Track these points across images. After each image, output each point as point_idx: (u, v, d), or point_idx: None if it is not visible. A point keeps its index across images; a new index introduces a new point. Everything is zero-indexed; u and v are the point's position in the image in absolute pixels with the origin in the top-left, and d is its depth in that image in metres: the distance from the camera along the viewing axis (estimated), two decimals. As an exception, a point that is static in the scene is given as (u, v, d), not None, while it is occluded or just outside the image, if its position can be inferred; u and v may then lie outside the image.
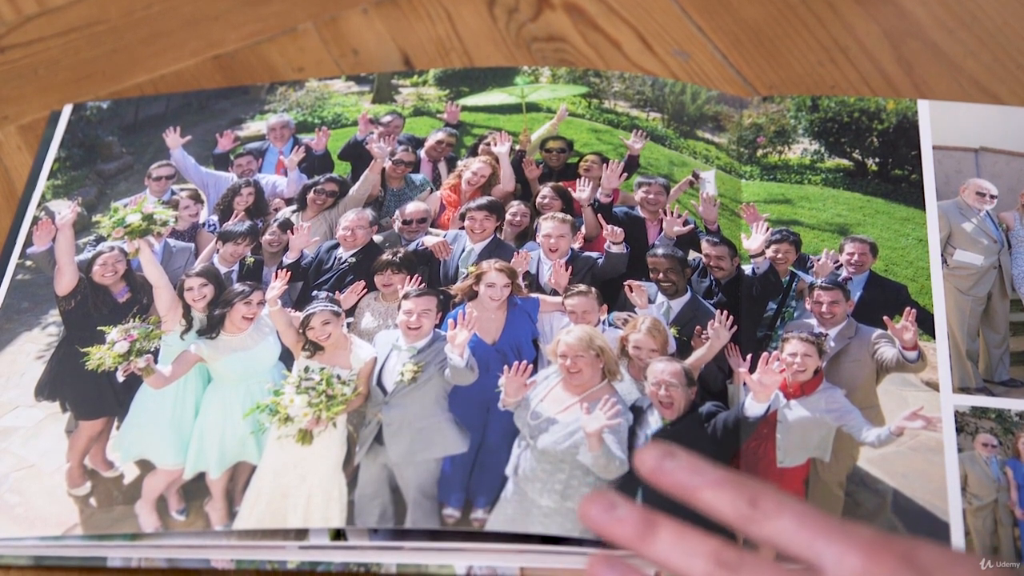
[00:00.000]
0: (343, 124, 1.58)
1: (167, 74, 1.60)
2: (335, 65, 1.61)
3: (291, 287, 1.36)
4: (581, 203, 1.44)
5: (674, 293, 1.34)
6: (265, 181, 1.51)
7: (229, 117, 1.56)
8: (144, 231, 1.36)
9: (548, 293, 1.35)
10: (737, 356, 1.25)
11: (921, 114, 1.46)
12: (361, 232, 1.42)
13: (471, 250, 1.40)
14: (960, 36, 1.57)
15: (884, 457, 1.18)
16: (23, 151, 1.52)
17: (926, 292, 1.31)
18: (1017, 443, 1.19)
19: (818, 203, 1.45)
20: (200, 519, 1.17)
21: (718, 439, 1.17)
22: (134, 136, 1.53)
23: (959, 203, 1.38)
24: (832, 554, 0.73)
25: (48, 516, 1.17)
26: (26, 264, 1.39)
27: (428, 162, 1.54)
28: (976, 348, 1.28)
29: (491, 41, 1.62)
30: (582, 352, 1.22)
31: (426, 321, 1.27)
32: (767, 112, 1.51)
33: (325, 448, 1.20)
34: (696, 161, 1.49)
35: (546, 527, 1.13)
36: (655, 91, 1.55)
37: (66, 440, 1.25)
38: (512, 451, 1.19)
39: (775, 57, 1.57)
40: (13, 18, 1.65)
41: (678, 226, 1.39)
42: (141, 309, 1.33)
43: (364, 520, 1.15)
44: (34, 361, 1.31)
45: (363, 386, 1.24)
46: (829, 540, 0.73)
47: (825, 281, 1.33)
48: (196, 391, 1.28)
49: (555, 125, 1.53)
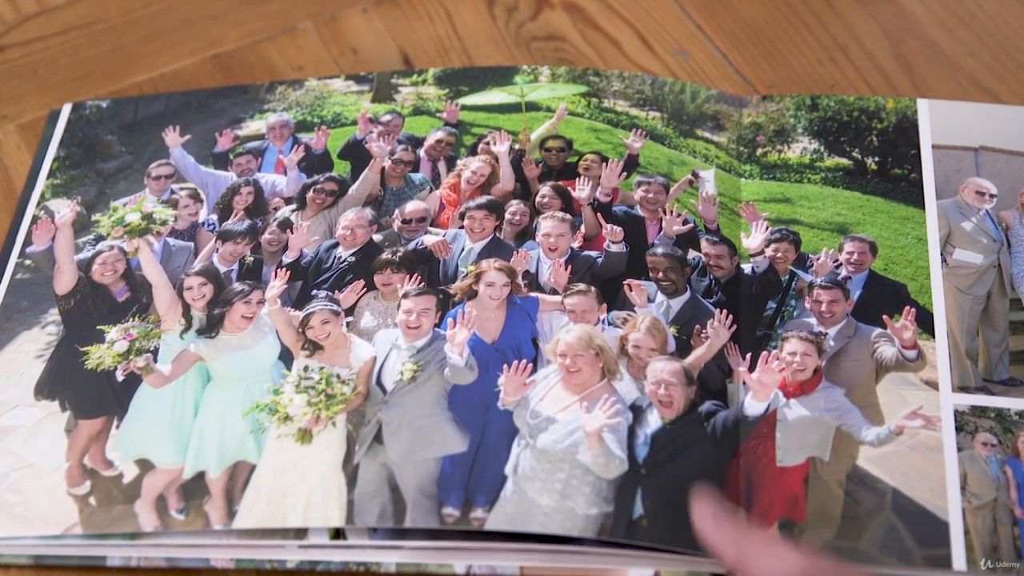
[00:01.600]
0: (342, 123, 1.58)
1: (166, 73, 1.60)
2: (334, 64, 1.60)
3: (290, 286, 1.36)
4: (580, 202, 1.44)
5: (673, 292, 1.34)
6: (264, 180, 1.51)
7: (228, 116, 1.56)
8: (143, 230, 1.36)
9: (547, 292, 1.35)
10: (737, 355, 1.25)
11: (920, 113, 1.46)
12: (360, 231, 1.42)
13: (471, 249, 1.40)
14: (959, 35, 1.57)
15: (884, 456, 1.18)
16: (22, 150, 1.52)
17: (925, 291, 1.31)
18: (1016, 442, 1.19)
19: (817, 202, 1.45)
20: (200, 518, 1.17)
21: (718, 438, 1.17)
22: (133, 135, 1.53)
23: (958, 202, 1.38)
24: None
25: (48, 515, 1.17)
26: (25, 263, 1.39)
27: (427, 161, 1.54)
28: (975, 347, 1.28)
29: (491, 40, 1.62)
30: (581, 351, 1.22)
31: (425, 320, 1.27)
32: (767, 111, 1.51)
33: (324, 447, 1.20)
34: (695, 160, 1.49)
35: (545, 526, 1.13)
36: (655, 90, 1.55)
37: (65, 439, 1.25)
38: (512, 450, 1.19)
39: (775, 56, 1.57)
40: (12, 17, 1.65)
41: (677, 225, 1.39)
42: (140, 308, 1.33)
43: (363, 519, 1.15)
44: (34, 360, 1.31)
45: (362, 385, 1.24)
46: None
47: (825, 280, 1.33)
48: (195, 390, 1.28)
49: (554, 124, 1.53)
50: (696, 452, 1.17)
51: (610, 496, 1.15)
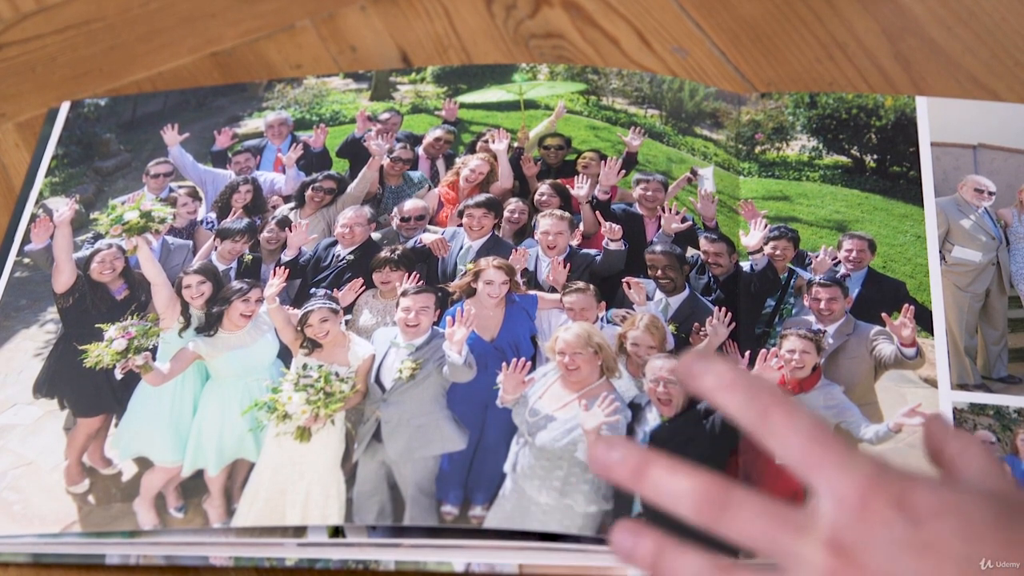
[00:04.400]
0: (341, 121, 1.58)
1: (165, 71, 1.60)
2: (333, 62, 1.60)
3: (289, 284, 1.36)
4: (579, 200, 1.44)
5: (672, 290, 1.34)
6: (263, 178, 1.51)
7: (227, 114, 1.56)
8: (142, 228, 1.36)
9: (546, 290, 1.35)
10: (736, 353, 1.25)
11: (919, 111, 1.46)
12: (359, 229, 1.42)
13: (469, 247, 1.40)
14: (958, 33, 1.57)
15: (882, 454, 1.18)
16: (21, 148, 1.52)
17: (924, 289, 1.31)
18: (1015, 440, 1.19)
19: (816, 200, 1.45)
20: (198, 516, 1.17)
21: (717, 436, 1.17)
22: (132, 133, 1.53)
23: (957, 200, 1.38)
24: (828, 483, 0.72)
25: (46, 513, 1.17)
26: (24, 261, 1.39)
27: (426, 159, 1.54)
28: (974, 345, 1.28)
29: (489, 38, 1.62)
30: (580, 349, 1.22)
31: (424, 318, 1.27)
32: (765, 109, 1.51)
33: (323, 445, 1.20)
34: (694, 158, 1.49)
35: (544, 524, 1.13)
36: (653, 88, 1.55)
37: (64, 437, 1.25)
38: (510, 448, 1.19)
39: (773, 54, 1.57)
40: (10, 15, 1.65)
41: (676, 223, 1.39)
42: (139, 306, 1.33)
43: (362, 517, 1.15)
44: (32, 358, 1.31)
45: (361, 383, 1.24)
46: (829, 471, 0.72)
47: (823, 278, 1.33)
48: (194, 388, 1.28)
49: (553, 122, 1.53)
50: (695, 450, 1.17)
51: (609, 494, 1.15)
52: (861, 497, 0.71)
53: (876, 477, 0.72)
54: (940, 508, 0.70)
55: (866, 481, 0.72)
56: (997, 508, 0.71)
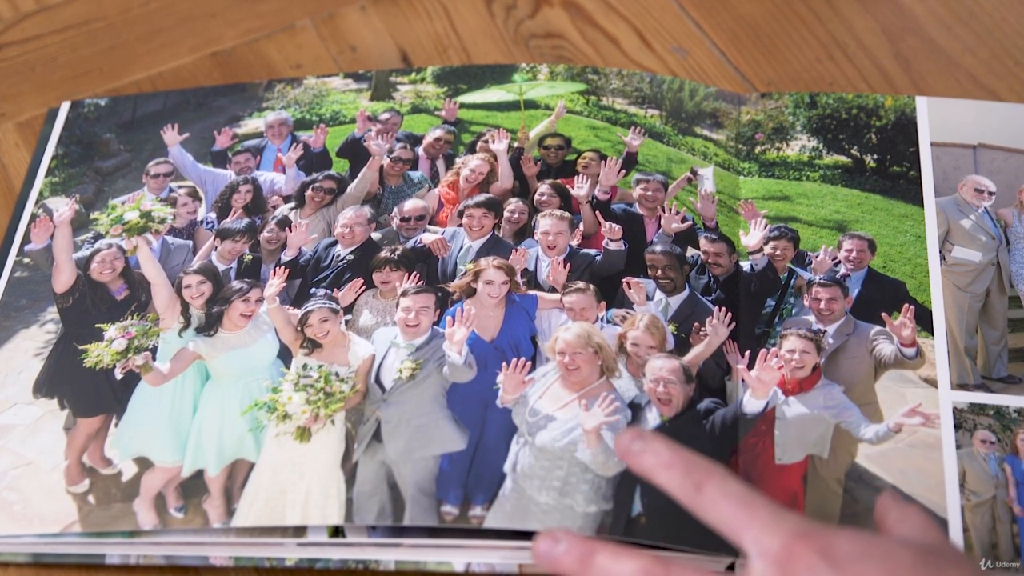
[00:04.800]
0: (341, 121, 1.58)
1: (165, 71, 1.60)
2: (333, 62, 1.60)
3: (289, 284, 1.36)
4: (579, 200, 1.44)
5: (672, 290, 1.34)
6: (263, 178, 1.51)
7: (227, 114, 1.56)
8: (142, 228, 1.36)
9: (546, 290, 1.35)
10: (735, 353, 1.25)
11: (919, 111, 1.46)
12: (359, 229, 1.42)
13: (469, 247, 1.40)
14: (958, 33, 1.57)
15: (882, 454, 1.18)
16: (21, 148, 1.52)
17: (924, 289, 1.31)
18: (1015, 439, 1.19)
19: (816, 200, 1.45)
20: (198, 516, 1.17)
21: (716, 436, 1.17)
22: (132, 133, 1.53)
23: (957, 199, 1.38)
24: (755, 542, 0.78)
25: (46, 513, 1.17)
26: (24, 261, 1.39)
27: (426, 159, 1.54)
28: (974, 345, 1.28)
29: (489, 38, 1.62)
30: (580, 349, 1.22)
31: (424, 318, 1.27)
32: (765, 109, 1.51)
33: (323, 445, 1.20)
34: (694, 158, 1.49)
35: (544, 524, 1.13)
36: (653, 88, 1.55)
37: (64, 437, 1.25)
38: (510, 448, 1.19)
39: (773, 54, 1.57)
40: (11, 15, 1.65)
41: (676, 223, 1.39)
42: (139, 306, 1.33)
43: (362, 517, 1.15)
44: (32, 358, 1.31)
45: (361, 383, 1.24)
46: (756, 531, 0.78)
47: (823, 278, 1.33)
48: (194, 388, 1.28)
49: (553, 122, 1.53)
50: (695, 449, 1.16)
51: (609, 494, 1.15)
52: (787, 549, 0.76)
53: (801, 532, 0.77)
54: (862, 553, 0.75)
55: (791, 536, 0.77)
56: (915, 552, 0.76)
